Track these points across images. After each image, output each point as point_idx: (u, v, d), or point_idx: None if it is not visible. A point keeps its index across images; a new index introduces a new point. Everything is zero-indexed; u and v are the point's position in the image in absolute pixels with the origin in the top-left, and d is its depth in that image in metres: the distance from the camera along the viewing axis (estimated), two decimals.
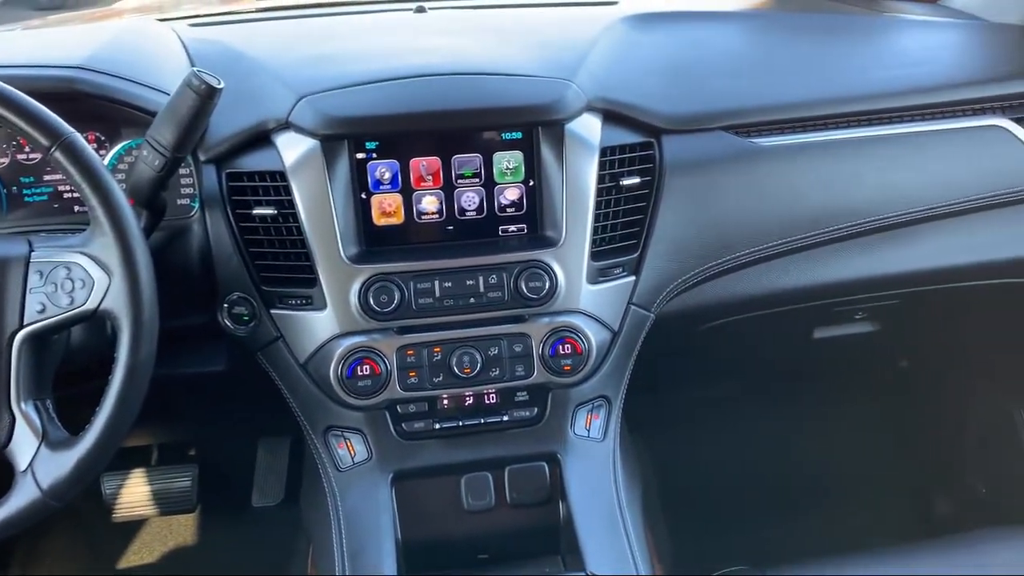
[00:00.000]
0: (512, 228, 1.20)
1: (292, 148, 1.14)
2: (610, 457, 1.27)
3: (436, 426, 1.21)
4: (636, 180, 1.21)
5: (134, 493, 1.91)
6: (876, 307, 1.54)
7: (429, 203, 1.17)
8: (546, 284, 1.16)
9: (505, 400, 1.21)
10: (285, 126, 1.15)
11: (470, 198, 1.18)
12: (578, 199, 1.17)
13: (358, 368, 1.15)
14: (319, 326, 1.16)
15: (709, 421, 2.08)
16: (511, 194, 1.19)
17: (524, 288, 1.16)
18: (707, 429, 2.08)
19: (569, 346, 1.18)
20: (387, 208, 1.17)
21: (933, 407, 2.05)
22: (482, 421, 1.22)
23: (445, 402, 1.20)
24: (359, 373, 1.15)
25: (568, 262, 1.17)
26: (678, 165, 1.24)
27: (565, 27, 1.45)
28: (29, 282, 0.94)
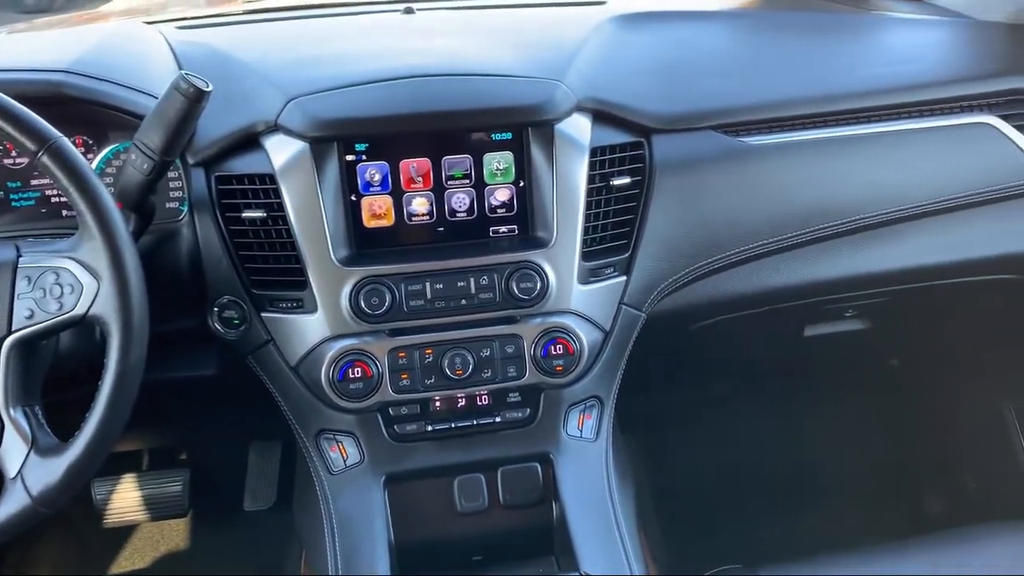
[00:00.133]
0: (503, 229, 1.20)
1: (281, 151, 1.14)
2: (603, 457, 1.27)
3: (428, 428, 1.21)
4: (626, 180, 1.21)
5: (125, 498, 1.90)
6: (865, 305, 1.55)
7: (419, 205, 1.17)
8: (537, 285, 1.16)
9: (497, 401, 1.21)
10: (274, 128, 1.15)
11: (460, 199, 1.18)
12: (569, 199, 1.17)
13: (349, 371, 1.15)
14: (310, 329, 1.16)
15: (701, 420, 2.09)
16: (501, 195, 1.19)
17: (515, 289, 1.16)
18: (699, 428, 2.08)
19: (561, 347, 1.18)
20: (377, 210, 1.16)
21: (923, 404, 2.06)
22: (474, 422, 1.22)
23: (437, 404, 1.20)
24: (350, 376, 1.15)
25: (559, 262, 1.17)
26: (668, 165, 1.24)
27: (554, 27, 1.45)
28: (17, 288, 0.93)
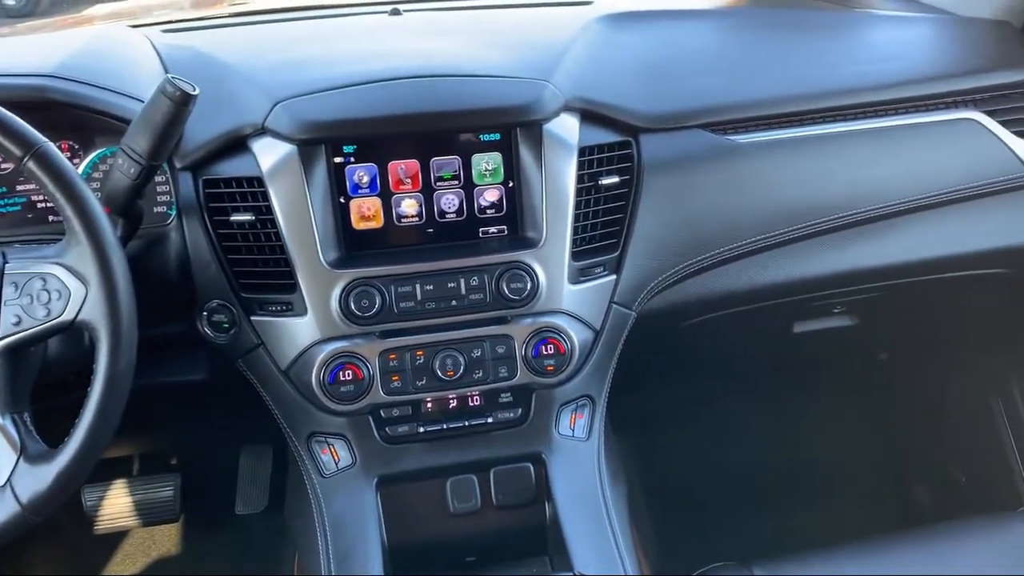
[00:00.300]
0: (492, 230, 1.20)
1: (269, 153, 1.14)
2: (595, 456, 1.27)
3: (420, 429, 1.21)
4: (615, 179, 1.21)
5: (116, 504, 1.89)
6: (854, 301, 1.56)
7: (408, 206, 1.17)
8: (528, 285, 1.16)
9: (489, 402, 1.21)
10: (261, 131, 1.15)
11: (450, 200, 1.18)
12: (558, 199, 1.17)
13: (340, 373, 1.14)
14: (300, 332, 1.16)
15: (692, 418, 2.10)
16: (491, 195, 1.19)
17: (506, 289, 1.16)
18: (691, 426, 2.09)
19: (552, 346, 1.18)
20: (366, 212, 1.16)
21: (912, 399, 2.07)
22: (466, 423, 1.22)
23: (429, 405, 1.20)
24: (341, 378, 1.14)
25: (549, 262, 1.17)
26: (656, 163, 1.24)
27: (541, 27, 1.45)
28: (4, 294, 0.92)
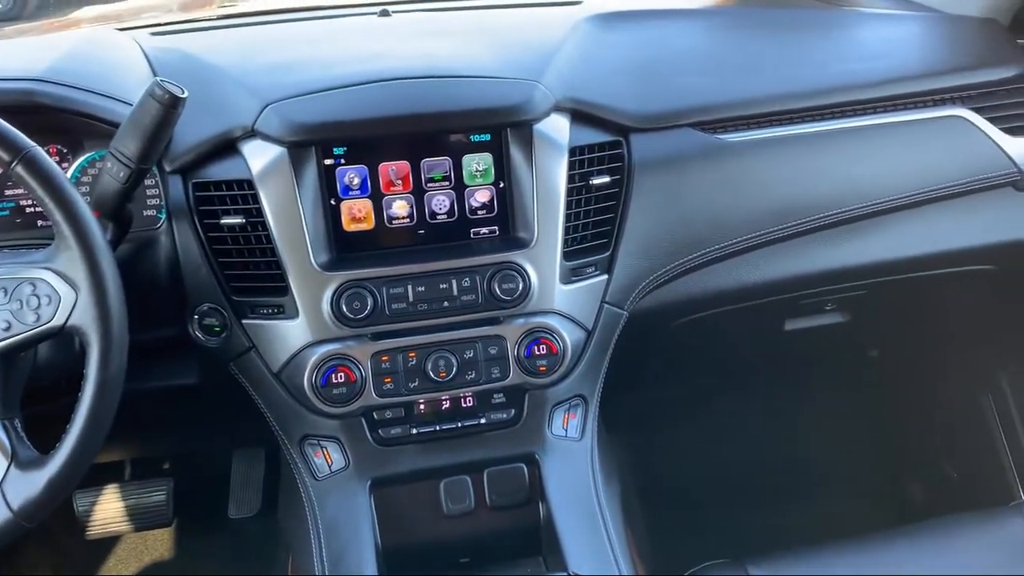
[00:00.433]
0: (484, 230, 1.20)
1: (259, 156, 1.13)
2: (588, 456, 1.27)
3: (413, 431, 1.21)
4: (606, 179, 1.21)
5: (108, 509, 1.88)
6: (844, 298, 1.56)
7: (399, 207, 1.17)
8: (519, 285, 1.16)
9: (482, 403, 1.21)
10: (251, 134, 1.14)
11: (441, 201, 1.18)
12: (549, 199, 1.17)
13: (332, 376, 1.14)
14: (292, 335, 1.15)
15: (685, 417, 2.10)
16: (482, 196, 1.19)
17: (498, 290, 1.16)
18: (683, 425, 2.09)
19: (544, 346, 1.18)
20: (357, 214, 1.16)
21: (903, 395, 2.08)
22: (459, 424, 1.22)
23: (422, 407, 1.20)
24: (334, 381, 1.14)
25: (541, 263, 1.17)
26: (647, 163, 1.25)
27: (530, 28, 1.45)
28: None
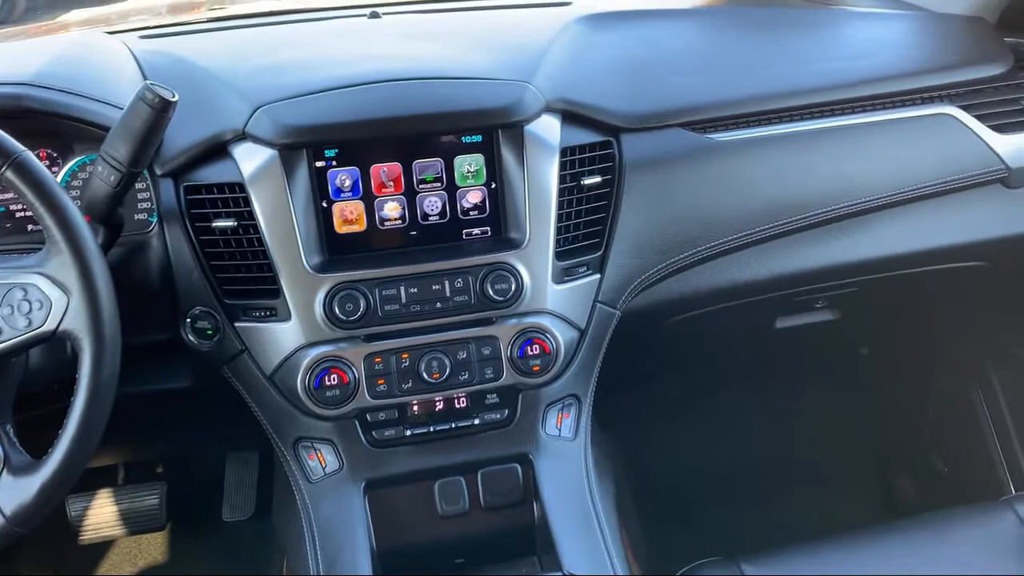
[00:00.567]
0: (476, 231, 1.20)
1: (250, 159, 1.13)
2: (582, 455, 1.27)
3: (407, 433, 1.20)
4: (597, 179, 1.22)
5: (101, 514, 1.87)
6: (835, 296, 1.57)
7: (391, 209, 1.17)
8: (512, 286, 1.16)
9: (475, 403, 1.21)
10: (242, 137, 1.14)
11: (432, 203, 1.18)
12: (540, 200, 1.18)
13: (326, 378, 1.14)
14: (284, 337, 1.15)
15: (678, 415, 2.11)
16: (473, 197, 1.19)
17: (490, 291, 1.16)
18: (676, 423, 2.10)
19: (537, 346, 1.18)
20: (349, 216, 1.16)
21: (894, 391, 2.09)
22: (453, 425, 1.22)
23: (415, 408, 1.20)
24: (327, 383, 1.14)
25: (533, 263, 1.18)
26: (637, 163, 1.25)
27: (521, 29, 1.45)
28: None
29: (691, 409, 2.11)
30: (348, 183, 1.15)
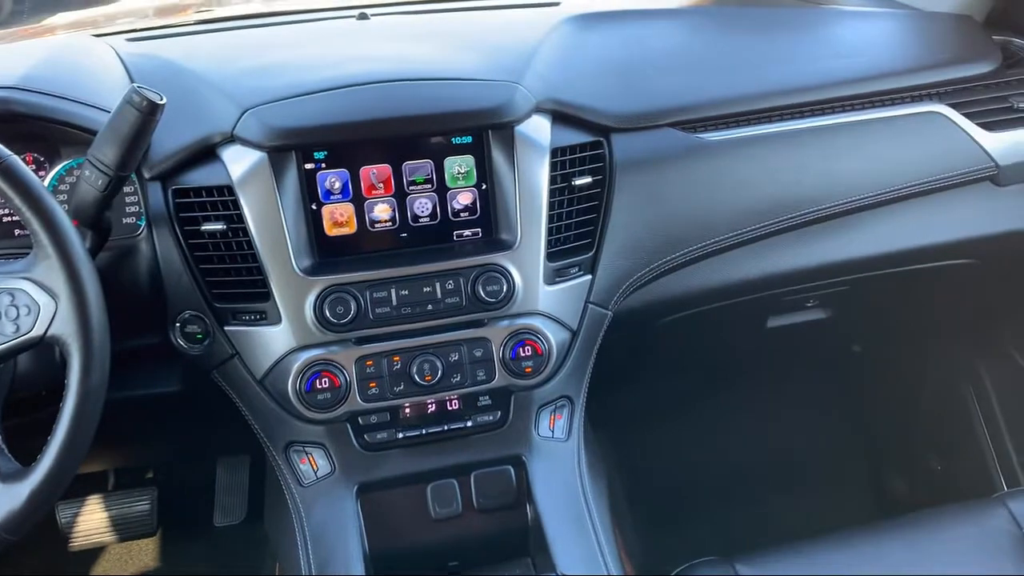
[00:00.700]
0: (467, 233, 1.19)
1: (239, 161, 1.12)
2: (575, 456, 1.27)
3: (399, 435, 1.20)
4: (588, 179, 1.21)
5: (91, 520, 1.86)
6: (826, 294, 1.57)
7: (381, 211, 1.17)
8: (503, 287, 1.16)
9: (468, 405, 1.21)
10: (231, 139, 1.13)
11: (423, 204, 1.18)
12: (531, 201, 1.17)
13: (317, 381, 1.13)
14: (275, 341, 1.15)
15: (671, 415, 2.11)
16: (464, 198, 1.18)
17: (482, 292, 1.15)
18: (669, 423, 2.10)
19: (529, 348, 1.18)
20: (339, 218, 1.16)
21: (886, 389, 2.09)
22: (445, 428, 1.21)
23: (407, 411, 1.19)
24: (318, 386, 1.14)
25: (524, 264, 1.17)
26: (628, 163, 1.25)
27: (510, 29, 1.45)
28: None
29: (684, 409, 2.11)
30: (338, 185, 1.15)
